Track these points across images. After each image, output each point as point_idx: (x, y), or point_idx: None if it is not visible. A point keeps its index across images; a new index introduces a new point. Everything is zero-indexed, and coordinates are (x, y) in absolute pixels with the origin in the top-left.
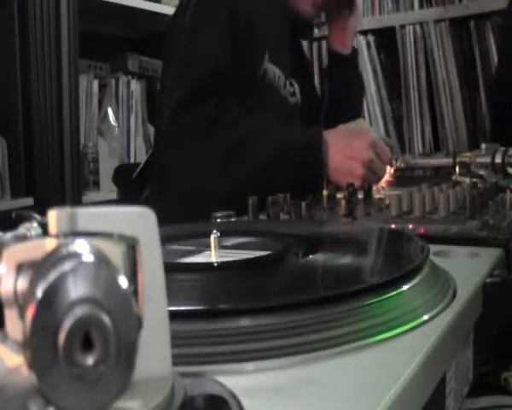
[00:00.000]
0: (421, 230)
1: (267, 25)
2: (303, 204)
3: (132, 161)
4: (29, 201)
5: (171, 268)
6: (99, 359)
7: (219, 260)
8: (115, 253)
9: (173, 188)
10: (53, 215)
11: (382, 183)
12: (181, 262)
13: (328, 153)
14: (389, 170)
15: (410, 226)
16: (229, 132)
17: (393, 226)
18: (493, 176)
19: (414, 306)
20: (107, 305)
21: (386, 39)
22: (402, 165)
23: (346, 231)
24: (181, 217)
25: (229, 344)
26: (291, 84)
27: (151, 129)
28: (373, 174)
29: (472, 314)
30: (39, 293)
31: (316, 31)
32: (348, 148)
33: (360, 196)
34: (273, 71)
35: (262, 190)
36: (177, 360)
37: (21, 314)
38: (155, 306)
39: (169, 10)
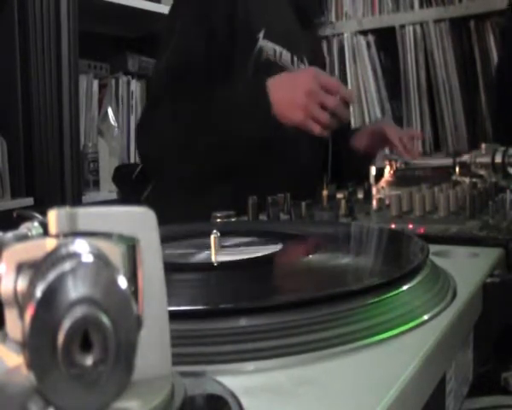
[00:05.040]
0: (421, 230)
1: (262, 2)
2: (303, 204)
3: (132, 161)
4: (29, 201)
5: (171, 268)
6: (98, 359)
7: (219, 259)
8: (115, 253)
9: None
10: (53, 215)
11: (382, 183)
12: (181, 262)
13: (271, 88)
14: (389, 170)
15: (410, 226)
16: (187, 117)
17: (393, 226)
18: (493, 176)
19: (414, 306)
20: (107, 305)
21: (386, 39)
22: (402, 165)
23: (346, 231)
24: (181, 217)
25: (229, 344)
26: (301, 61)
27: None
28: (322, 108)
29: (472, 314)
30: (38, 293)
31: None
32: (290, 80)
33: (360, 195)
34: (273, 48)
35: (231, 145)
36: (177, 360)
37: (21, 314)
38: (155, 306)
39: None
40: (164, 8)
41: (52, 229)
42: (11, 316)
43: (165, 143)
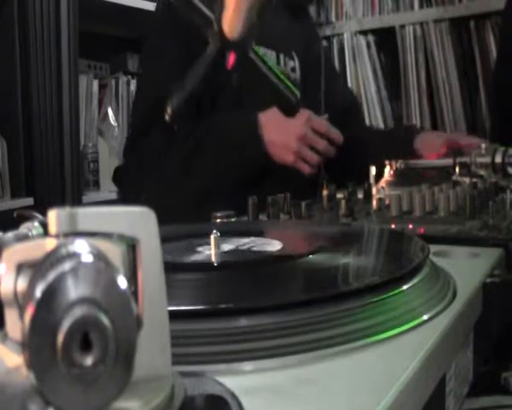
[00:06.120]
0: (421, 230)
1: None
2: (303, 204)
3: None
4: (29, 201)
5: (171, 268)
6: (98, 359)
7: (219, 260)
8: (115, 253)
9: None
10: (53, 215)
11: (382, 183)
12: (181, 262)
13: (263, 126)
14: (389, 170)
15: (410, 226)
16: (178, 151)
17: (393, 226)
18: (493, 176)
19: (414, 306)
20: (106, 305)
21: (386, 39)
22: (402, 165)
23: (347, 231)
24: (181, 217)
25: (229, 344)
26: (290, 58)
27: None
28: (312, 150)
29: (472, 314)
30: (38, 293)
31: None
32: (283, 122)
33: (360, 195)
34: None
35: (221, 182)
36: (177, 359)
37: (21, 314)
38: (155, 306)
39: None
40: None
41: (52, 229)
42: (11, 316)
43: (152, 182)
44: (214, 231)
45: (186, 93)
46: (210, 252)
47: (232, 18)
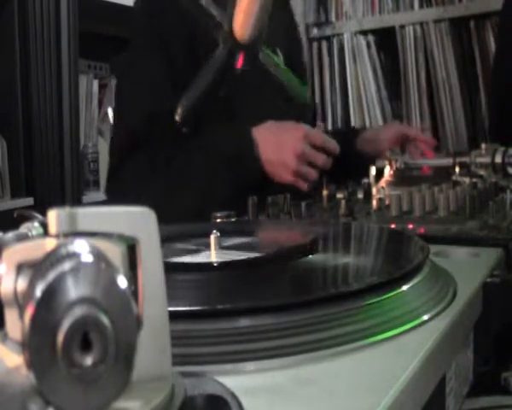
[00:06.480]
0: (421, 230)
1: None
2: (303, 204)
3: None
4: (29, 201)
5: (171, 268)
6: (98, 359)
7: (219, 260)
8: (115, 253)
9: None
10: (53, 215)
11: (382, 183)
12: (181, 262)
13: (259, 145)
14: (389, 170)
15: (410, 226)
16: (166, 173)
17: (393, 226)
18: (493, 176)
19: (414, 306)
20: (106, 305)
21: (386, 39)
22: (402, 165)
23: (347, 231)
24: (180, 217)
25: (229, 344)
26: (274, 54)
27: None
28: (311, 166)
29: (472, 314)
30: (38, 293)
31: (315, 31)
32: (280, 140)
33: (360, 195)
34: None
35: (214, 201)
36: (177, 360)
37: (21, 314)
38: (155, 305)
39: None
40: None
41: (52, 229)
42: (11, 316)
43: (151, 189)
44: (214, 231)
45: (196, 95)
46: (210, 252)
47: (244, 20)
